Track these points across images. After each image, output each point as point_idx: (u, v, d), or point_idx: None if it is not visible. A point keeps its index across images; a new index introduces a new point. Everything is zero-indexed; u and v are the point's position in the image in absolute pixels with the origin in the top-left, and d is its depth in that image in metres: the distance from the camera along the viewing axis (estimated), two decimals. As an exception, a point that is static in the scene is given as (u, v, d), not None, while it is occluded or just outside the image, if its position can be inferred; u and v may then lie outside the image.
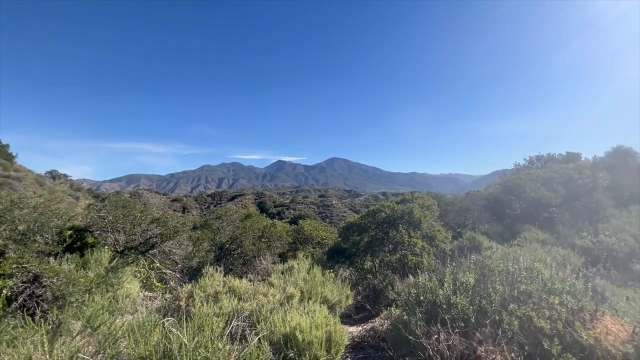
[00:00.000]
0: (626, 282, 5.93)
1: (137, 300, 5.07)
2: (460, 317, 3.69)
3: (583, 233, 10.15)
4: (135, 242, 6.71)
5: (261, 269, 7.60)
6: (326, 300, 5.69)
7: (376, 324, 5.48)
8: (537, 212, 13.02)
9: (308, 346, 3.31)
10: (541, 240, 10.06)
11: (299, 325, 3.45)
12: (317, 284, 5.92)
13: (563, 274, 4.18)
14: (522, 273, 4.21)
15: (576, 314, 3.33)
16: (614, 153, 18.89)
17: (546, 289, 3.78)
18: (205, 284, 4.13)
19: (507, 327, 3.31)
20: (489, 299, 3.75)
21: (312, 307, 4.28)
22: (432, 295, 4.13)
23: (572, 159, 18.56)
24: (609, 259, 7.68)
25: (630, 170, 17.01)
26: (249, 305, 3.89)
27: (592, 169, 15.32)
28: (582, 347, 2.90)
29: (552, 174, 14.16)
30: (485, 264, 4.77)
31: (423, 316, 3.89)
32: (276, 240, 10.11)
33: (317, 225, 13.16)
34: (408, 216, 7.67)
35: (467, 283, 4.18)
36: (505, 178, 15.70)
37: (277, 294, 4.44)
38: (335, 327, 3.65)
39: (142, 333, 2.67)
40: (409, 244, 7.10)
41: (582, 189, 13.51)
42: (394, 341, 4.19)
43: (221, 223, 10.07)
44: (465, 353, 3.11)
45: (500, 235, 11.71)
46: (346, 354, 4.70)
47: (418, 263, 6.79)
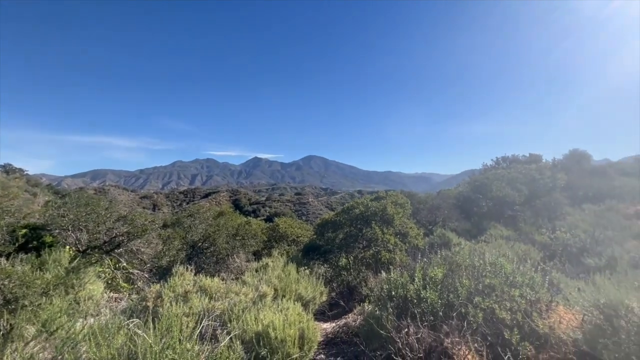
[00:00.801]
0: (578, 274, 6.40)
1: (101, 302, 4.81)
2: (429, 310, 3.82)
3: (542, 230, 10.85)
4: (99, 241, 6.35)
5: (235, 267, 7.47)
6: (300, 298, 5.69)
7: (349, 319, 5.56)
8: (502, 210, 13.75)
9: (281, 344, 3.30)
10: (505, 236, 10.64)
11: (272, 323, 3.43)
12: (292, 281, 5.90)
13: (524, 268, 4.43)
14: (487, 268, 4.42)
15: (534, 305, 3.56)
16: (571, 156, 20.37)
17: (508, 283, 4.00)
18: (175, 284, 3.99)
19: (472, 319, 3.46)
20: (456, 292, 3.91)
21: (286, 305, 4.26)
22: (403, 290, 4.24)
23: (534, 160, 19.76)
24: (564, 253, 8.27)
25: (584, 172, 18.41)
26: (220, 305, 3.81)
27: (552, 170, 16.40)
28: (538, 335, 3.10)
29: (516, 174, 14.99)
30: (453, 259, 4.96)
31: (394, 311, 3.99)
32: (251, 238, 9.97)
33: (293, 223, 13.13)
34: (381, 213, 7.83)
35: (436, 278, 4.32)
36: (473, 178, 16.43)
37: (250, 292, 4.38)
38: (309, 324, 3.66)
39: (105, 336, 2.53)
40: (382, 240, 7.26)
41: (542, 189, 14.43)
42: (366, 336, 4.27)
43: (193, 221, 9.77)
44: (433, 345, 3.23)
45: (469, 232, 12.26)
46: (319, 350, 4.73)
47: (391, 259, 6.96)
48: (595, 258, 7.30)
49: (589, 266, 7.04)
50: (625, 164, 31.60)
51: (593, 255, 7.57)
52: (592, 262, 7.15)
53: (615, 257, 7.02)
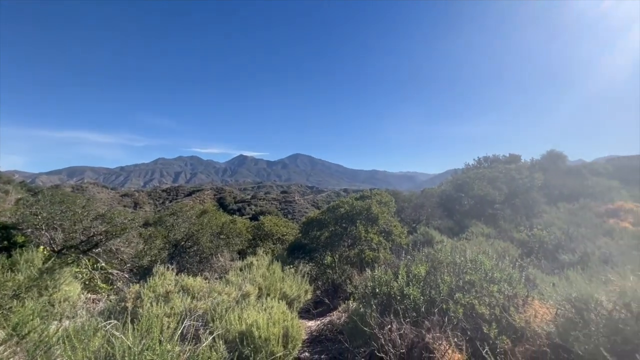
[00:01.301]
0: (553, 270, 6.66)
1: (78, 303, 4.64)
2: (412, 307, 3.89)
3: (520, 227, 11.22)
4: (75, 241, 6.12)
5: (218, 266, 7.36)
6: (285, 296, 5.68)
7: (334, 317, 5.60)
8: (483, 208, 14.14)
9: (265, 343, 3.28)
10: (486, 234, 10.95)
11: (255, 322, 3.40)
12: (277, 280, 5.88)
13: (502, 265, 4.58)
14: (468, 264, 4.53)
15: (511, 300, 3.68)
16: (548, 156, 21.14)
17: (487, 279, 4.12)
18: (155, 284, 3.89)
19: (453, 315, 3.55)
20: (437, 289, 3.99)
21: (271, 304, 4.24)
22: (387, 288, 4.30)
23: (514, 160, 20.40)
24: (540, 250, 8.58)
25: (560, 172, 19.17)
26: (203, 304, 3.75)
27: (530, 169, 16.99)
28: (515, 329, 3.21)
29: (497, 173, 15.45)
30: (435, 256, 5.06)
31: (378, 308, 4.03)
32: (235, 236, 9.85)
33: (278, 222, 13.06)
34: (366, 212, 7.90)
35: (419, 275, 4.39)
36: (456, 177, 16.81)
37: (234, 292, 4.33)
38: (293, 323, 3.66)
39: (81, 338, 2.44)
40: (366, 239, 7.32)
41: (521, 188, 14.93)
42: (351, 333, 4.30)
43: (176, 219, 9.56)
44: (415, 341, 3.29)
45: (451, 229, 12.55)
46: (304, 348, 4.74)
47: (375, 257, 7.04)
48: (569, 254, 7.61)
49: (564, 262, 7.33)
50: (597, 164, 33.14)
51: (567, 251, 7.89)
52: (566, 258, 7.46)
53: (588, 253, 7.34)
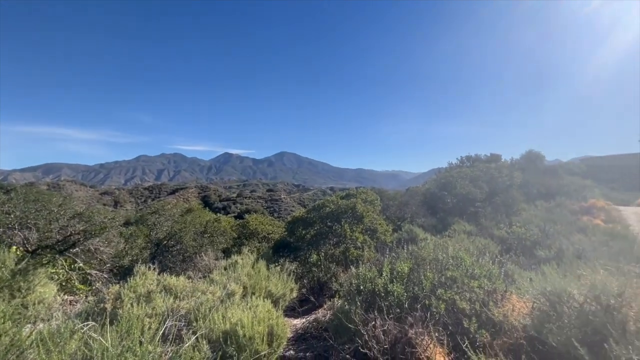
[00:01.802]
0: (531, 266, 6.90)
1: (54, 305, 4.47)
2: (395, 303, 3.95)
3: (500, 225, 11.57)
4: (51, 240, 5.89)
5: (202, 265, 7.25)
6: (270, 295, 5.66)
7: (319, 315, 5.62)
8: (465, 206, 14.51)
9: (249, 341, 3.26)
10: (467, 231, 11.23)
11: (240, 321, 3.38)
12: (262, 278, 5.85)
13: (482, 261, 4.71)
14: (450, 261, 4.64)
15: (490, 295, 3.80)
16: (527, 156, 21.91)
17: (468, 274, 4.23)
18: (136, 284, 3.80)
19: (435, 310, 3.63)
20: (420, 285, 4.07)
21: (255, 302, 4.22)
22: (371, 285, 4.35)
23: (494, 159, 21.01)
24: (519, 246, 8.88)
25: (538, 171, 19.88)
26: (186, 304, 3.68)
27: (509, 169, 17.53)
28: (494, 323, 3.32)
29: (478, 172, 15.86)
30: (419, 254, 5.16)
31: (362, 305, 4.08)
32: (220, 235, 9.72)
33: (264, 220, 12.98)
34: (351, 211, 7.96)
35: (402, 272, 4.46)
36: (439, 175, 17.16)
37: (218, 291, 4.28)
38: (278, 321, 3.65)
39: (56, 341, 2.36)
40: (351, 237, 7.38)
41: (501, 186, 15.39)
42: (336, 330, 4.33)
43: (158, 218, 9.34)
44: (399, 336, 3.35)
45: (434, 227, 12.80)
46: (289, 346, 4.74)
47: (359, 255, 7.11)
48: (545, 250, 7.91)
49: (540, 258, 7.61)
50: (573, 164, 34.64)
51: (544, 247, 8.20)
52: (542, 254, 7.74)
53: (563, 249, 7.65)
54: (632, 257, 6.14)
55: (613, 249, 7.65)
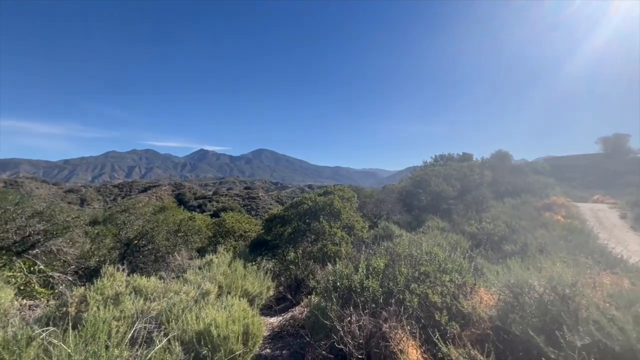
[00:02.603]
0: (498, 259, 7.27)
1: (11, 311, 4.17)
2: (371, 298, 4.02)
3: (471, 221, 12.08)
4: (7, 242, 5.48)
5: (176, 265, 7.02)
6: (247, 294, 5.59)
7: (296, 312, 5.63)
8: (438, 203, 15.01)
9: (223, 341, 3.21)
10: (441, 227, 11.63)
11: (214, 320, 3.31)
12: (238, 277, 5.76)
13: (454, 256, 4.90)
14: (424, 256, 4.78)
15: (460, 289, 3.97)
16: (496, 155, 22.97)
17: (440, 269, 4.39)
18: (103, 285, 3.62)
19: (408, 304, 3.73)
20: (395, 280, 4.17)
21: (231, 302, 4.15)
22: (347, 281, 4.40)
23: (466, 158, 21.86)
24: (488, 241, 9.32)
25: (506, 170, 20.90)
26: (157, 305, 3.56)
27: (480, 167, 18.32)
28: (463, 315, 3.47)
29: (451, 171, 16.45)
30: (394, 250, 5.29)
31: (339, 301, 4.12)
32: (194, 234, 9.46)
33: (240, 218, 12.78)
34: (329, 208, 8.01)
35: (378, 268, 4.56)
36: (414, 173, 17.64)
37: (192, 291, 4.17)
38: (254, 320, 3.61)
39: (12, 349, 2.20)
40: (329, 234, 7.44)
41: (472, 184, 16.06)
42: (312, 327, 4.36)
43: (128, 216, 8.94)
44: (373, 331, 3.42)
45: (409, 224, 13.16)
46: (265, 344, 4.72)
47: (337, 252, 7.17)
48: (511, 245, 8.36)
49: (507, 252, 8.03)
50: (537, 163, 36.71)
51: (510, 242, 8.66)
52: (509, 248, 8.18)
53: (527, 243, 8.12)
54: (587, 250, 6.61)
55: (571, 243, 8.21)
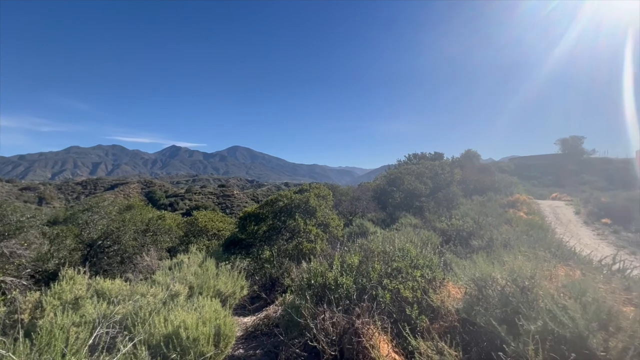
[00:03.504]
0: (467, 254, 7.59)
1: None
2: (345, 295, 4.06)
3: (442, 218, 12.52)
4: (-50, 244, 5.00)
5: (144, 266, 6.73)
6: (219, 294, 5.47)
7: (270, 311, 5.58)
8: (411, 201, 15.43)
9: (193, 343, 3.11)
10: (413, 224, 11.96)
11: (183, 322, 3.20)
12: (210, 277, 5.62)
13: (425, 252, 5.05)
14: (397, 253, 4.90)
15: (430, 283, 4.10)
16: (465, 155, 23.97)
17: (412, 265, 4.51)
18: (62, 290, 3.39)
19: (381, 300, 3.81)
20: (368, 277, 4.24)
21: (202, 302, 4.04)
22: (322, 278, 4.42)
23: (438, 157, 22.64)
24: (457, 237, 9.70)
25: (474, 169, 21.86)
26: (122, 309, 3.39)
27: (451, 166, 19.03)
28: (432, 309, 3.59)
29: (423, 169, 16.96)
30: (368, 247, 5.37)
31: (313, 298, 4.13)
32: (164, 233, 9.10)
33: (213, 216, 12.45)
34: (305, 205, 8.00)
35: (352, 265, 4.61)
36: (389, 172, 18.02)
37: (160, 292, 4.01)
38: (225, 320, 3.53)
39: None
40: (304, 231, 7.43)
41: (443, 182, 16.65)
42: (286, 326, 4.33)
43: (92, 215, 8.44)
44: (347, 327, 3.45)
45: (384, 221, 13.43)
46: (238, 344, 4.64)
47: (312, 249, 7.18)
48: (478, 240, 8.74)
49: (474, 247, 8.40)
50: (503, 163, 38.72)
51: (477, 238, 9.06)
52: (476, 243, 8.55)
53: (493, 238, 8.53)
54: (546, 244, 7.06)
55: (532, 238, 8.74)
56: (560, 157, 39.19)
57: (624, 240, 11.59)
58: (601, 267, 4.13)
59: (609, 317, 2.39)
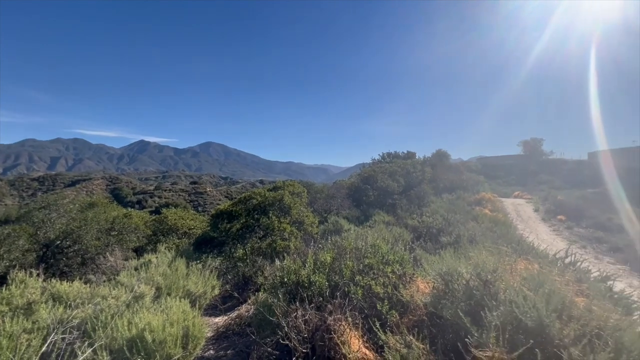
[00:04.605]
0: (436, 250, 7.88)
1: None
2: (317, 292, 4.08)
3: (414, 215, 12.91)
4: None
5: (107, 267, 6.38)
6: (189, 294, 5.31)
7: (242, 310, 5.49)
8: (385, 198, 15.79)
9: (159, 346, 2.99)
10: (386, 221, 12.24)
11: (148, 325, 3.07)
12: (179, 277, 5.43)
13: (396, 248, 5.18)
14: (369, 249, 4.98)
15: (401, 279, 4.21)
16: (436, 154, 24.85)
17: (384, 261, 4.60)
18: (11, 294, 3.12)
19: (353, 296, 3.86)
20: (341, 274, 4.28)
21: (170, 303, 3.89)
22: (295, 276, 4.40)
23: (410, 157, 23.29)
24: (427, 234, 10.04)
25: (444, 168, 22.73)
26: (81, 313, 3.18)
27: (422, 165, 19.65)
28: (402, 303, 3.69)
29: (396, 168, 17.39)
30: (342, 244, 5.42)
31: (286, 296, 4.11)
32: (130, 232, 8.66)
33: (184, 214, 12.03)
34: (279, 203, 7.93)
35: (325, 262, 4.63)
36: (363, 170, 18.32)
37: (124, 294, 3.82)
38: (195, 321, 3.43)
39: None
40: (278, 229, 7.37)
41: (415, 181, 17.17)
42: (259, 325, 4.28)
43: (49, 214, 7.85)
44: (319, 324, 3.47)
45: (358, 218, 13.63)
46: (209, 345, 4.53)
47: (286, 247, 7.14)
48: (447, 236, 9.10)
49: (443, 243, 8.74)
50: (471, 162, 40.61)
51: (446, 234, 9.43)
52: (445, 239, 8.90)
53: (460, 235, 8.92)
54: (508, 239, 7.49)
55: (496, 234, 9.23)
56: (522, 158, 41.68)
57: (576, 235, 12.56)
58: (556, 261, 4.44)
59: (563, 306, 2.57)
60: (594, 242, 11.36)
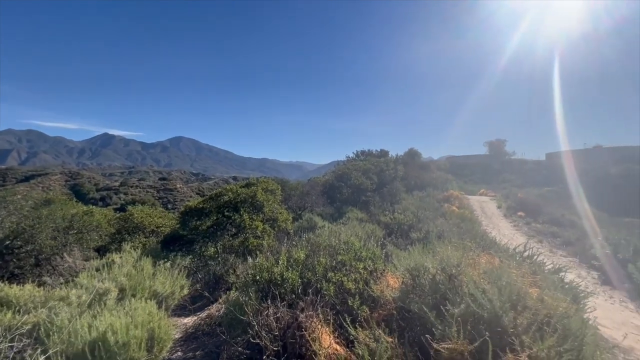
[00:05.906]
0: (406, 246, 8.13)
1: None
2: (290, 290, 4.07)
3: (386, 212, 13.23)
4: None
5: (65, 268, 5.97)
6: (156, 295, 5.10)
7: (213, 310, 5.36)
8: (358, 195, 16.03)
9: (122, 349, 2.85)
10: (359, 218, 12.44)
11: (110, 327, 2.91)
12: (145, 277, 5.20)
13: (369, 244, 5.28)
14: (342, 246, 5.04)
15: (372, 274, 4.31)
16: (408, 153, 25.59)
17: (356, 257, 4.68)
18: (-50, 300, 2.84)
19: (325, 293, 3.89)
20: (314, 270, 4.30)
21: (135, 305, 3.71)
22: (267, 274, 4.37)
23: (383, 155, 23.78)
24: (399, 230, 10.33)
25: (416, 166, 23.46)
26: (33, 318, 2.96)
27: (395, 163, 20.14)
28: (373, 298, 3.77)
29: (370, 165, 17.70)
30: (315, 240, 5.44)
31: (258, 294, 4.07)
32: (92, 231, 8.15)
33: (151, 212, 11.52)
34: (251, 200, 7.81)
35: (299, 259, 4.63)
36: (337, 167, 18.48)
37: (84, 296, 3.59)
38: (160, 323, 3.30)
39: None
40: (250, 227, 7.26)
41: (387, 178, 17.57)
42: (230, 324, 4.21)
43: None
44: (290, 322, 3.46)
45: (332, 215, 13.74)
46: (176, 347, 4.38)
47: (259, 245, 7.06)
48: (417, 232, 9.42)
49: (413, 239, 9.04)
50: (440, 161, 42.27)
51: (416, 230, 9.76)
52: (415, 235, 9.21)
53: (429, 231, 9.26)
54: (473, 235, 7.88)
55: (462, 229, 9.68)
56: (487, 158, 44.01)
57: (534, 230, 13.46)
58: (515, 254, 4.74)
59: (518, 297, 2.75)
60: (549, 237, 12.23)
